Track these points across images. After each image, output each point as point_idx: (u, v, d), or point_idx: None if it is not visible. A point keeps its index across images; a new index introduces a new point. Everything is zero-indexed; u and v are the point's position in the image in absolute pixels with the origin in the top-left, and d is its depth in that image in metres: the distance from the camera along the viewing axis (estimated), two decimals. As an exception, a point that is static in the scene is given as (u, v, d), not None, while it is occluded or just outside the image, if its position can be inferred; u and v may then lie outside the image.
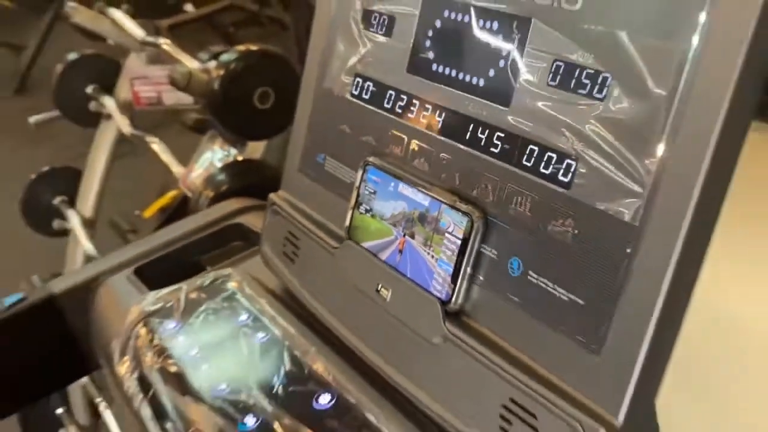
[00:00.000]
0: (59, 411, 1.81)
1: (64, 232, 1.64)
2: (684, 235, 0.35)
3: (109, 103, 1.54)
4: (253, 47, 1.01)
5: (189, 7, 4.07)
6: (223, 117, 1.03)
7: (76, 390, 1.72)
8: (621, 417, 0.37)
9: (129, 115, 1.51)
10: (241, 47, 1.01)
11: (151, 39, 1.38)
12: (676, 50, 0.35)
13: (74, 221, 1.56)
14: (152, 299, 0.62)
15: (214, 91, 1.01)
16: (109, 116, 1.55)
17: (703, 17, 0.34)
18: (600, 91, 0.38)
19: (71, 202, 1.65)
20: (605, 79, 0.38)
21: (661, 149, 0.36)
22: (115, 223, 2.06)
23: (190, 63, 1.12)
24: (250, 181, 1.00)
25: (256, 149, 1.21)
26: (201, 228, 0.74)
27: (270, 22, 4.30)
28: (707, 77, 0.34)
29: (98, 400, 1.56)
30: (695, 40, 0.34)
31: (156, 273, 0.68)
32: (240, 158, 1.20)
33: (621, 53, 0.37)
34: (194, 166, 1.33)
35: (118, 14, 1.48)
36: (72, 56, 1.59)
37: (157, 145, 1.36)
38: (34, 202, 1.67)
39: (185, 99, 1.36)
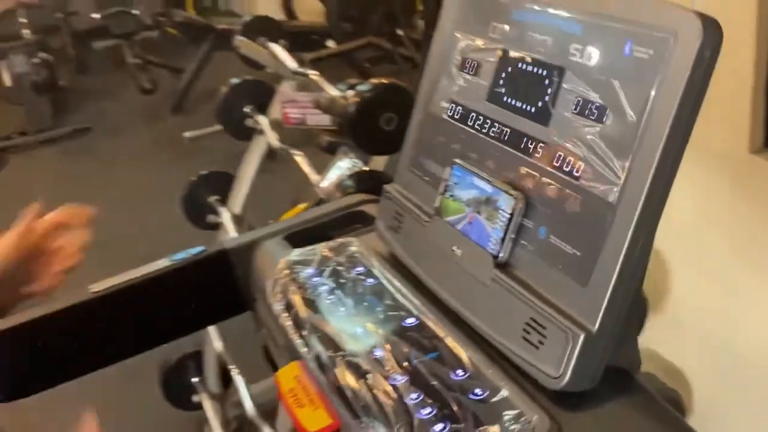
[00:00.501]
0: (194, 380, 2.12)
1: (215, 226, 1.96)
2: (639, 211, 0.55)
3: (262, 120, 1.84)
4: (383, 80, 1.26)
5: (331, 44, 4.45)
6: (355, 135, 1.29)
7: (210, 361, 2.01)
8: (595, 327, 0.57)
9: (278, 131, 1.81)
10: (374, 80, 1.27)
11: (301, 69, 1.67)
12: (642, 93, 0.56)
13: (225, 217, 1.87)
14: (296, 254, 0.86)
15: (350, 114, 1.27)
16: (261, 132, 1.85)
17: (655, 79, 0.55)
18: (600, 118, 0.59)
19: (223, 201, 1.96)
20: (604, 109, 0.59)
21: (630, 156, 0.56)
22: (252, 228, 2.38)
23: (332, 91, 1.39)
24: (372, 186, 1.24)
25: (379, 162, 1.46)
26: (333, 212, 0.99)
27: (403, 60, 4.62)
28: (658, 111, 0.54)
29: (231, 367, 1.85)
30: (652, 88, 0.55)
31: (299, 239, 0.93)
32: (365, 169, 1.45)
33: (614, 93, 0.58)
34: (328, 175, 1.59)
35: (276, 48, 1.79)
36: (235, 80, 1.91)
37: (299, 157, 1.64)
38: (192, 199, 2.00)
39: (324, 121, 1.63)
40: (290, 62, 1.72)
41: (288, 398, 0.70)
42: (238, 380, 1.74)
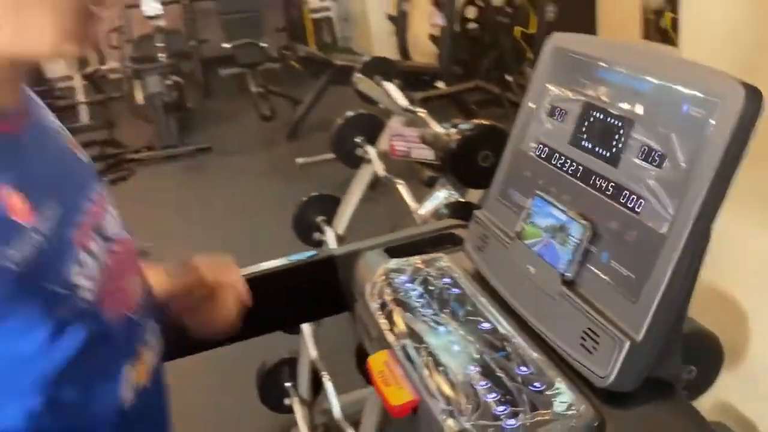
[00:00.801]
0: (288, 384, 2.28)
1: (319, 244, 2.13)
2: (684, 243, 0.66)
3: (371, 151, 2.01)
4: (484, 122, 1.40)
5: (441, 85, 4.63)
6: (454, 168, 1.42)
7: (304, 368, 2.17)
8: (640, 337, 0.68)
9: (384, 162, 1.97)
10: (476, 121, 1.41)
11: (411, 107, 1.83)
12: (694, 146, 0.67)
13: (329, 236, 2.04)
14: (393, 263, 1.00)
15: (451, 150, 1.41)
16: (369, 161, 2.02)
17: (705, 135, 0.66)
18: (660, 163, 0.71)
19: (329, 222, 2.14)
20: (663, 157, 0.70)
21: (680, 196, 0.67)
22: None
23: (437, 128, 1.54)
24: (464, 216, 1.37)
25: (473, 196, 1.58)
26: (428, 232, 1.13)
27: (510, 105, 4.74)
28: (705, 162, 0.65)
29: (323, 374, 1.99)
30: (702, 142, 0.66)
31: (397, 252, 1.07)
32: (461, 200, 1.58)
33: (671, 144, 0.70)
34: (426, 204, 1.73)
35: (390, 86, 1.96)
36: (350, 113, 2.10)
37: (401, 186, 1.79)
38: (302, 218, 2.19)
39: (427, 155, 1.78)
40: (401, 100, 1.88)
41: (377, 378, 0.84)
42: (329, 387, 1.89)
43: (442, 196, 1.54)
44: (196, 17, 6.95)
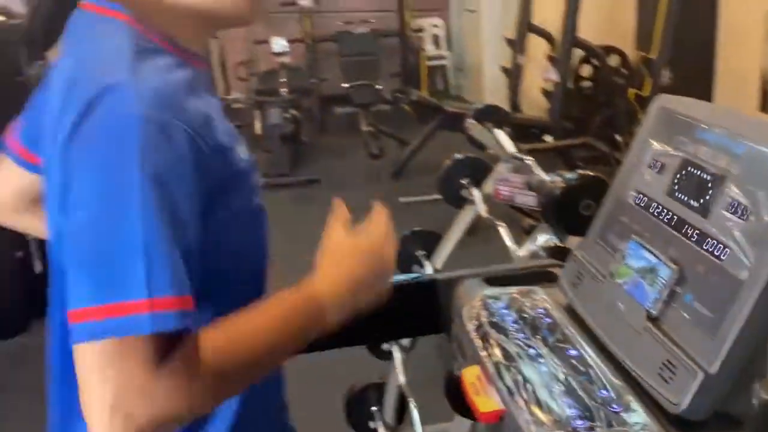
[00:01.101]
0: (374, 408, 2.38)
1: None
2: (762, 289, 0.73)
3: (476, 193, 2.11)
4: (589, 173, 1.48)
5: (549, 138, 4.70)
6: (556, 215, 1.51)
7: (391, 393, 2.26)
8: (714, 370, 0.75)
9: (488, 204, 2.07)
10: (581, 171, 1.49)
11: (518, 154, 1.92)
12: (779, 202, 0.74)
13: (428, 270, 2.15)
14: (490, 291, 1.10)
15: (555, 197, 1.49)
16: (472, 202, 2.13)
17: (792, 189, 0.73)
18: (745, 216, 0.78)
19: (428, 257, 2.24)
20: (749, 210, 0.78)
21: (761, 247, 0.74)
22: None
23: (543, 175, 1.63)
24: (562, 259, 1.45)
25: (572, 242, 1.65)
26: (526, 268, 1.22)
27: (616, 163, 4.74)
28: (787, 216, 0.73)
29: (410, 400, 2.08)
30: (786, 198, 0.73)
31: (495, 283, 1.17)
32: (560, 245, 1.65)
33: (757, 200, 0.77)
34: (525, 245, 1.81)
35: (500, 133, 2.07)
36: (459, 155, 2.21)
37: (502, 228, 1.88)
38: (402, 251, 2.30)
39: (530, 202, 1.87)
40: (510, 146, 1.98)
41: (469, 389, 0.93)
42: (415, 415, 1.97)
43: (541, 239, 1.62)
44: (319, 57, 7.32)
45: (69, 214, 0.68)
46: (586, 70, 5.33)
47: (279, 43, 5.96)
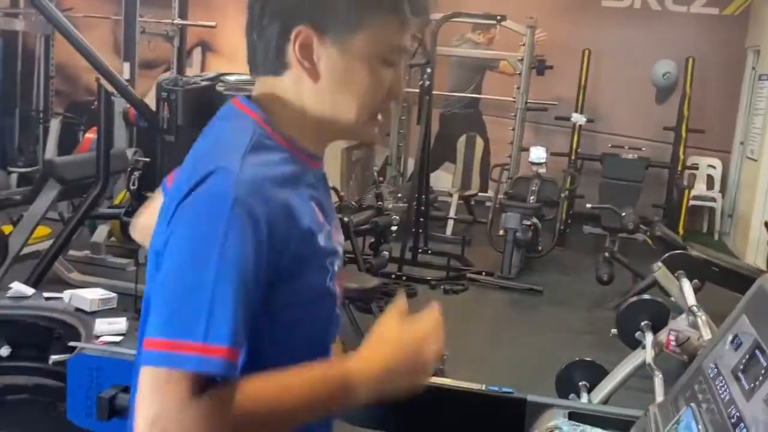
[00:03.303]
0: None
1: (572, 406, 2.20)
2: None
3: (649, 338, 2.05)
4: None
5: None
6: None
7: None
8: None
9: (657, 351, 2.00)
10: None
11: (695, 309, 1.86)
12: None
13: (583, 400, 2.11)
14: (563, 425, 1.12)
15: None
16: (644, 346, 2.07)
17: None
18: (775, 409, 0.76)
19: (590, 389, 2.20)
20: (780, 405, 0.76)
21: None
22: None
23: (706, 336, 1.57)
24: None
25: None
26: (610, 414, 1.22)
27: None
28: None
29: None
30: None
31: (576, 418, 1.18)
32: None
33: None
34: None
35: (686, 283, 2.00)
36: (643, 297, 2.17)
37: (658, 379, 1.82)
38: (565, 378, 2.29)
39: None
40: (691, 299, 1.92)
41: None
42: None
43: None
44: (579, 174, 7.34)
45: (164, 260, 0.88)
46: None
47: (536, 153, 6.13)
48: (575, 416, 1.20)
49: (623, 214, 5.08)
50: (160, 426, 0.80)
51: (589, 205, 5.87)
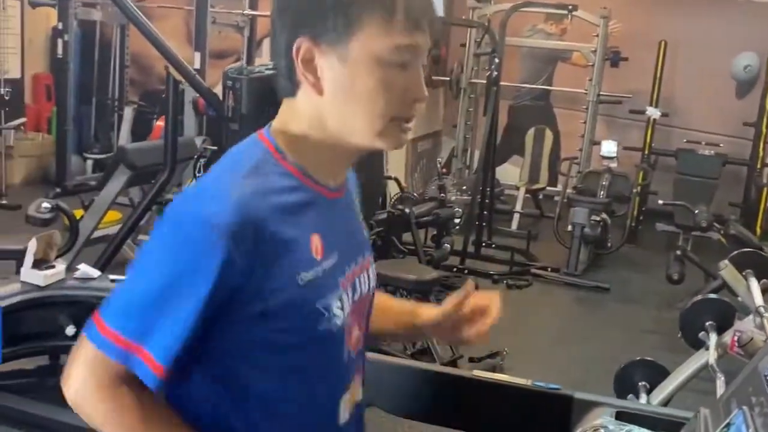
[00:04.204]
0: None
1: (630, 406, 2.13)
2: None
3: (712, 338, 1.96)
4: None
5: None
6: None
7: None
8: None
9: (721, 352, 1.91)
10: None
11: (762, 309, 1.76)
12: None
13: (642, 401, 2.03)
14: (609, 424, 1.08)
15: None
16: (707, 347, 1.98)
17: None
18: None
19: (649, 390, 2.12)
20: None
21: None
22: None
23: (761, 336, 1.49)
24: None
25: None
26: (661, 414, 1.16)
27: None
28: None
29: None
30: None
31: (625, 418, 1.13)
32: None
33: None
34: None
35: (755, 283, 1.90)
36: (709, 296, 2.07)
37: (720, 381, 1.73)
38: (624, 377, 2.21)
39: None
40: (758, 299, 1.82)
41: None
42: None
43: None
44: (653, 170, 7.11)
45: (141, 255, 0.94)
46: None
47: (607, 147, 5.96)
48: (623, 416, 1.15)
49: (696, 211, 4.89)
50: (79, 397, 0.92)
51: (661, 201, 5.67)
